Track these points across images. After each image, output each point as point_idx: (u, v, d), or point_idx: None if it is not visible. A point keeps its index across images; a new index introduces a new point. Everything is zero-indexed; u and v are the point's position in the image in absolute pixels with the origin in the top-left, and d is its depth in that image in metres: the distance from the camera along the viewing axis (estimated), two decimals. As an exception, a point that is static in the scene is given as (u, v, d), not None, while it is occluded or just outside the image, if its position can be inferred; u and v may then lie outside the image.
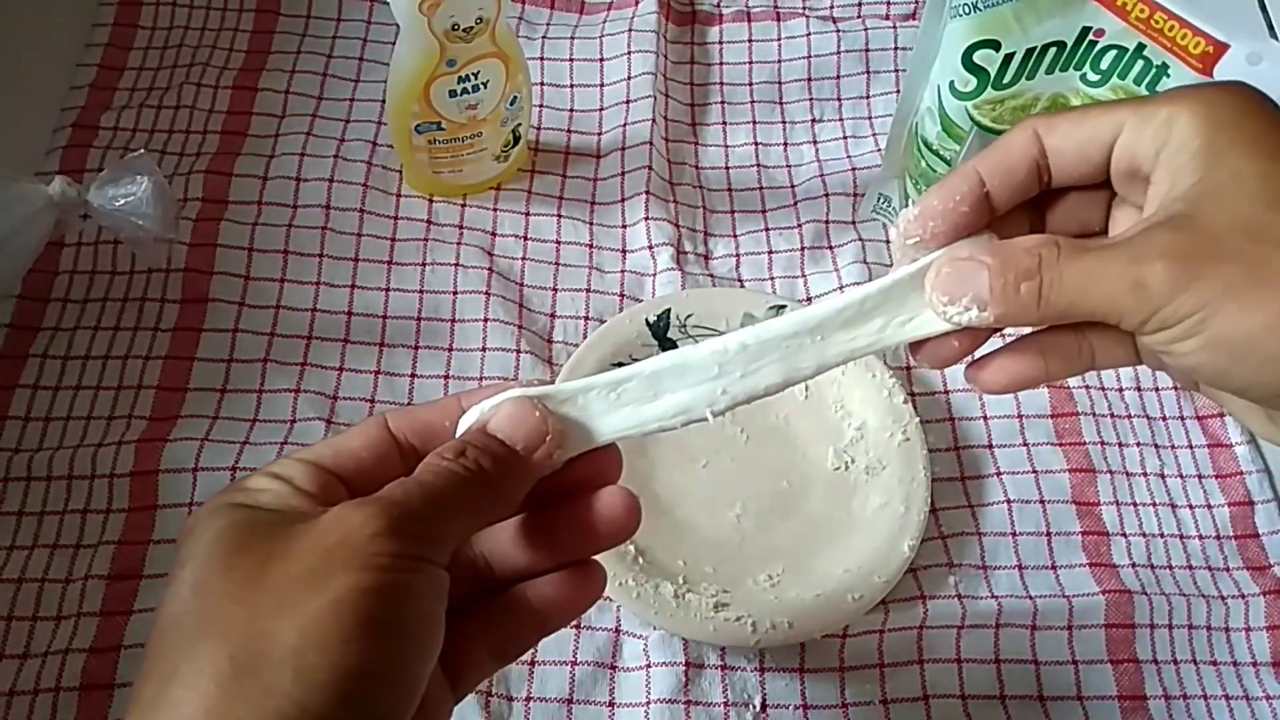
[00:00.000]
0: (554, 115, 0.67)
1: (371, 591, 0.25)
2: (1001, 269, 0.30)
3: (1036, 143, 0.32)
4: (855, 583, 0.49)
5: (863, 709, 0.48)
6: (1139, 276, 0.28)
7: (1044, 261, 0.30)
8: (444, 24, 0.53)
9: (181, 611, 0.26)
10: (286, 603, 0.25)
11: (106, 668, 0.46)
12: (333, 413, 0.55)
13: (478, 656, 0.32)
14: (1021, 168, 0.32)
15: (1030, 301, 0.30)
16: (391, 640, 0.26)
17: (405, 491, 0.28)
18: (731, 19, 0.72)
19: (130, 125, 0.64)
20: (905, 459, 0.53)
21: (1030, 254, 0.30)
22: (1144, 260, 0.28)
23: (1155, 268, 0.28)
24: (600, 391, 0.32)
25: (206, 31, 0.69)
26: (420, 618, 0.27)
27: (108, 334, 0.56)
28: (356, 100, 0.66)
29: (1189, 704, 0.49)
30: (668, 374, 0.32)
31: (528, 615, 0.32)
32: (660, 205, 0.63)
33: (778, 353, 0.32)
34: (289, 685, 0.24)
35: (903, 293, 0.32)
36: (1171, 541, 0.53)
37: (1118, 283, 0.29)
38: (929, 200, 0.32)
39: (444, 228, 0.62)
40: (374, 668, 0.25)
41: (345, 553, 0.26)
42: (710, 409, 0.32)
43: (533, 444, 0.31)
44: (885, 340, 0.33)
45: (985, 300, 0.30)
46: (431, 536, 0.28)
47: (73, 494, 0.51)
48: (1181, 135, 0.29)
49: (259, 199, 0.61)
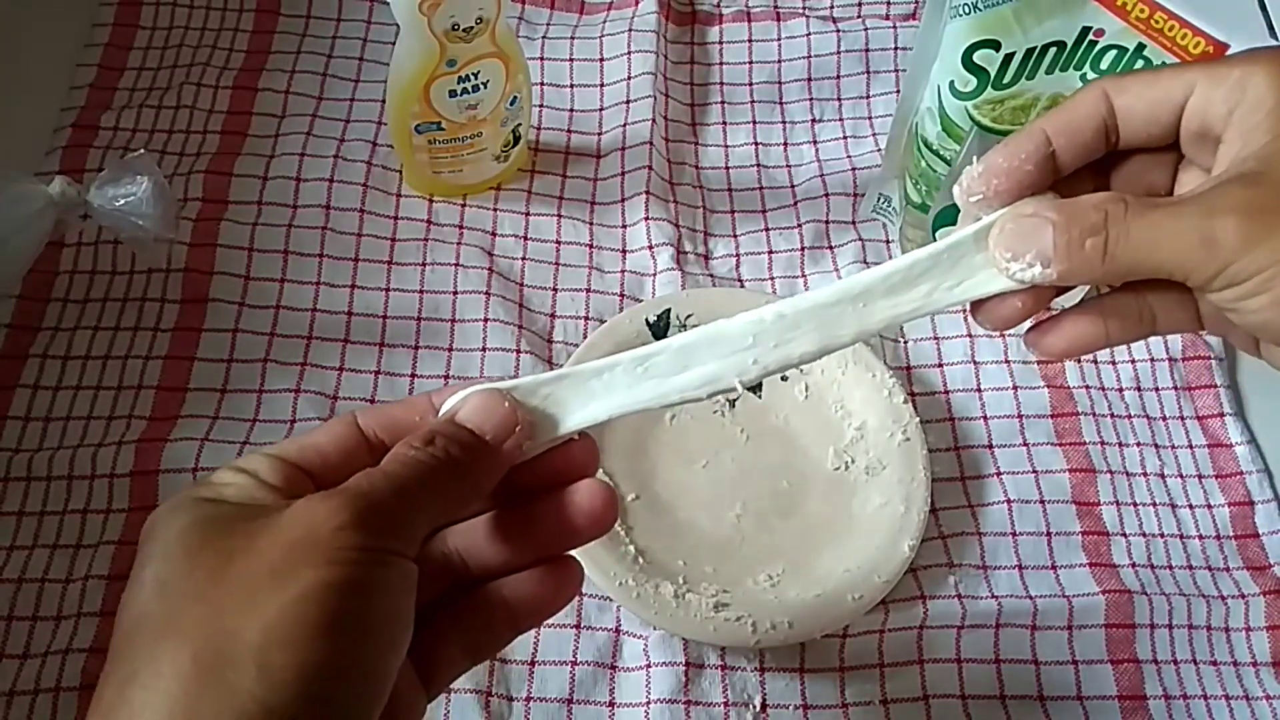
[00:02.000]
0: (554, 115, 0.67)
1: (336, 586, 0.25)
2: (1067, 224, 0.30)
3: (1105, 103, 0.32)
4: (855, 583, 0.49)
5: (863, 709, 0.48)
6: (1209, 231, 0.28)
7: (1110, 217, 0.29)
8: (444, 24, 0.53)
9: (143, 612, 0.26)
10: (249, 599, 0.25)
11: (106, 668, 0.46)
12: (333, 413, 0.55)
13: (450, 654, 0.31)
14: (1089, 128, 0.32)
15: (1095, 257, 0.30)
16: (357, 636, 0.25)
17: (371, 482, 0.28)
18: (731, 19, 0.72)
19: (130, 125, 0.64)
20: (905, 459, 0.53)
21: (1097, 209, 0.30)
22: (1215, 214, 0.28)
23: (1227, 222, 0.28)
24: (627, 367, 0.32)
25: (206, 31, 0.69)
26: (386, 613, 0.26)
27: (108, 334, 0.56)
28: (356, 100, 0.66)
29: (1189, 704, 0.49)
30: (700, 345, 0.32)
31: (502, 613, 0.32)
32: (660, 205, 0.63)
33: (815, 321, 0.32)
34: (252, 684, 0.24)
35: (956, 256, 0.32)
36: (1171, 541, 0.53)
37: (1187, 238, 0.28)
38: (994, 157, 0.32)
39: (444, 228, 0.62)
40: (339, 664, 0.25)
41: (310, 547, 0.25)
42: (740, 378, 0.32)
43: (502, 434, 0.30)
44: (930, 305, 0.32)
45: (1049, 256, 0.30)
46: (398, 528, 0.27)
47: (73, 494, 0.51)
48: (1256, 95, 0.29)
49: (259, 199, 0.61)
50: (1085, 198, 0.30)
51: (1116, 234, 0.29)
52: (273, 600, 0.25)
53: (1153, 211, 0.29)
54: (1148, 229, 0.29)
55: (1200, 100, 0.30)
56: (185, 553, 0.27)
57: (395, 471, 0.28)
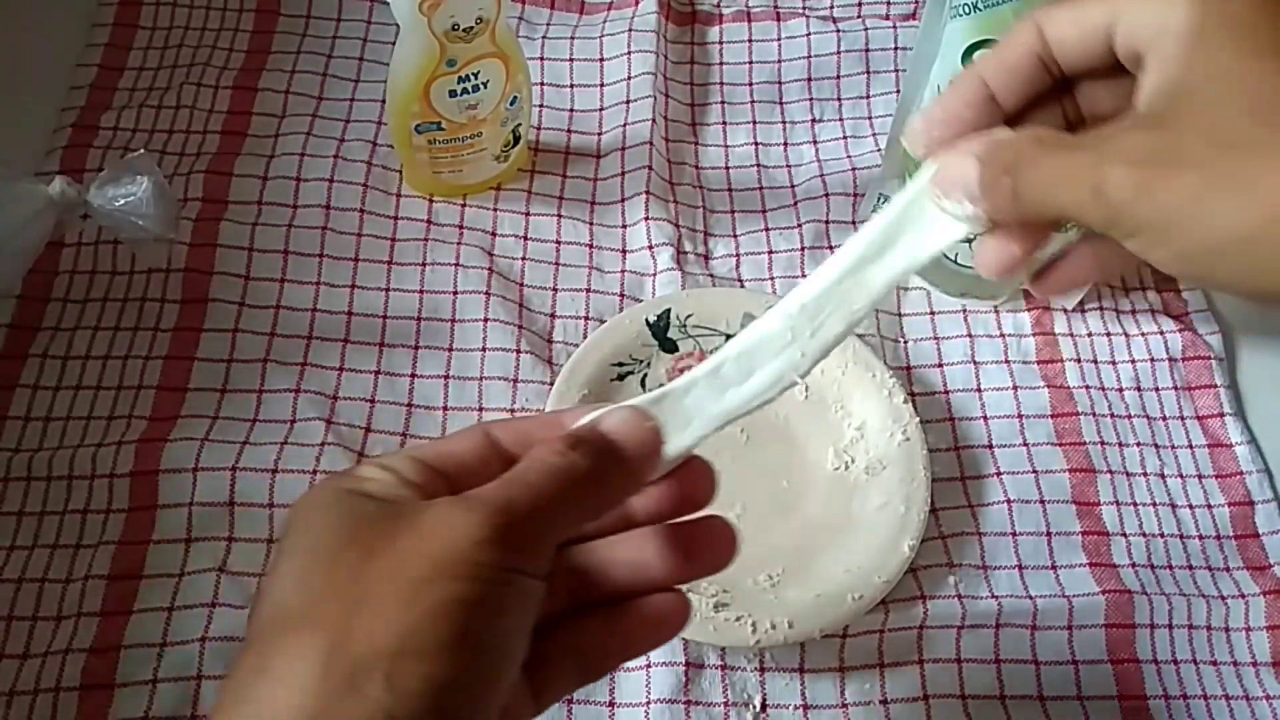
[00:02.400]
0: (554, 115, 0.67)
1: (471, 603, 0.25)
2: (987, 161, 0.29)
3: (1038, 36, 0.30)
4: (855, 583, 0.49)
5: (863, 709, 0.48)
6: (1098, 181, 0.27)
7: (1020, 157, 0.28)
8: (444, 24, 0.53)
9: (280, 603, 0.26)
10: (385, 605, 0.25)
11: (106, 668, 0.46)
12: (333, 413, 0.55)
13: (565, 670, 0.31)
14: (1024, 65, 0.31)
15: (1008, 196, 0.29)
16: (482, 653, 0.25)
17: (510, 494, 0.27)
18: (731, 19, 0.72)
19: (130, 125, 0.64)
20: (905, 459, 0.53)
21: (1011, 147, 0.29)
22: (1106, 162, 0.27)
23: (1115, 173, 0.26)
24: (705, 381, 0.32)
25: (206, 31, 0.69)
26: (510, 631, 0.26)
27: (108, 334, 0.56)
28: (356, 100, 0.66)
29: (1189, 704, 0.49)
30: (756, 349, 0.32)
31: (617, 638, 0.32)
32: (660, 205, 0.63)
33: (833, 301, 0.32)
34: (380, 692, 0.24)
35: (920, 206, 0.32)
36: (1171, 541, 0.53)
37: (1079, 185, 0.27)
38: (931, 108, 0.32)
39: (444, 228, 0.62)
40: (464, 680, 0.25)
41: (449, 560, 0.25)
42: (797, 373, 0.32)
43: (643, 449, 0.30)
44: (916, 257, 0.32)
45: (975, 195, 0.30)
46: (535, 545, 0.27)
47: (73, 494, 0.51)
48: (1176, 20, 0.27)
49: (259, 199, 0.61)
50: (1002, 134, 0.30)
51: (1023, 175, 0.28)
52: (408, 610, 0.25)
53: (1055, 154, 0.28)
54: (1048, 173, 0.28)
55: (1127, 26, 0.29)
56: (327, 548, 0.26)
57: (535, 483, 0.28)
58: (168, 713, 0.46)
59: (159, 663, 0.47)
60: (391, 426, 0.55)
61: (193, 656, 0.47)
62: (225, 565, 0.49)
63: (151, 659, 0.47)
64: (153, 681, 0.46)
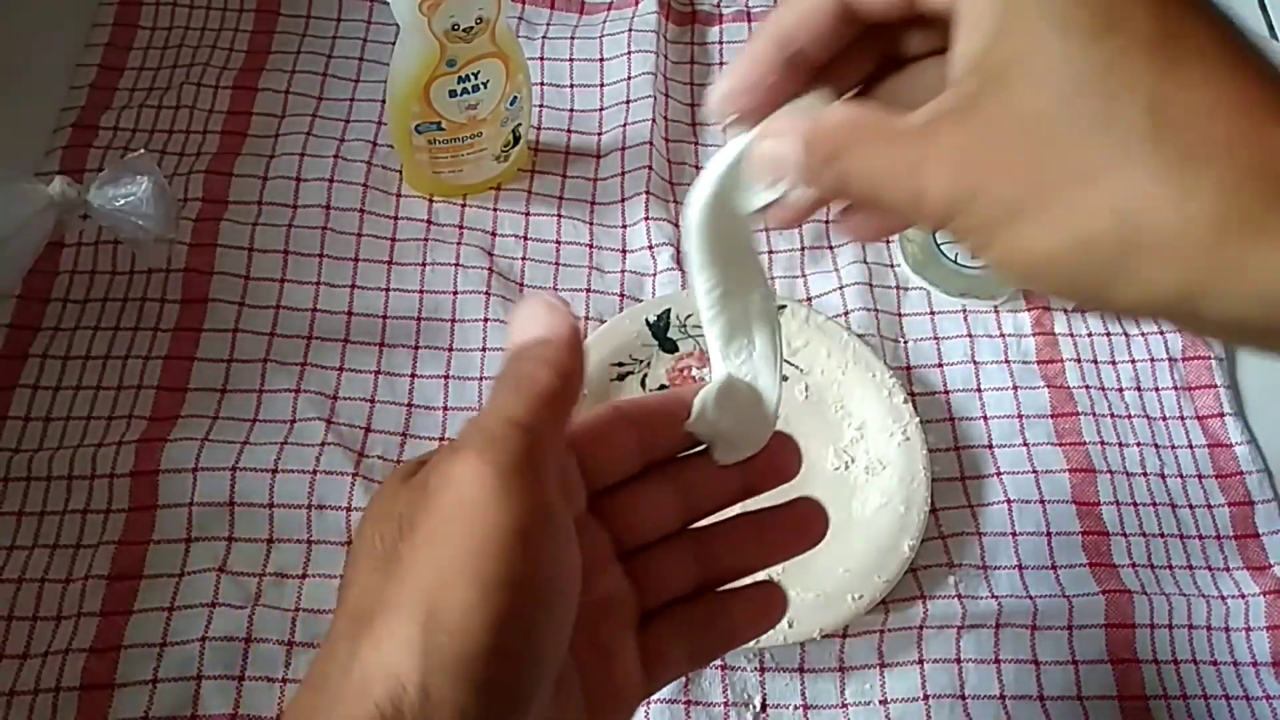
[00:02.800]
0: (554, 115, 0.67)
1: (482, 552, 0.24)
2: (809, 150, 0.27)
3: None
4: (855, 583, 0.49)
5: (863, 709, 0.48)
6: (918, 189, 0.25)
7: (843, 148, 0.26)
8: (444, 24, 0.53)
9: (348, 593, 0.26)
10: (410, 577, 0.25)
11: (106, 668, 0.46)
12: (333, 413, 0.55)
13: (676, 655, 0.32)
14: (823, 19, 0.28)
15: (836, 185, 0.27)
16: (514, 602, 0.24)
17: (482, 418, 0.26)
18: (731, 19, 0.72)
19: (130, 125, 0.64)
20: (905, 459, 0.53)
21: (834, 134, 0.27)
22: (923, 168, 0.25)
23: (934, 178, 0.24)
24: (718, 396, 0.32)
25: (206, 31, 0.69)
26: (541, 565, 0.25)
27: (108, 334, 0.56)
28: (356, 100, 0.66)
29: (1189, 704, 0.49)
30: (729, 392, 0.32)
31: (723, 626, 0.32)
32: (660, 205, 0.63)
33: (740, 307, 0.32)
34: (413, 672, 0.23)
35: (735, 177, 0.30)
36: (1171, 541, 0.53)
37: (899, 192, 0.25)
38: (731, 75, 0.29)
39: (444, 228, 0.62)
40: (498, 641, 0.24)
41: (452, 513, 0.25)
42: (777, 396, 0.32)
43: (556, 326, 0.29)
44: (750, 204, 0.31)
45: (797, 180, 0.28)
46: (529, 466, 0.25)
47: (73, 494, 0.51)
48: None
49: (259, 199, 0.61)
50: (827, 118, 0.27)
51: (848, 165, 0.26)
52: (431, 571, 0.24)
53: (875, 148, 0.26)
54: (869, 168, 0.26)
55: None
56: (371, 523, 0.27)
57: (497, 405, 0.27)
58: (168, 713, 0.46)
59: (159, 663, 0.47)
60: (391, 426, 0.55)
61: (193, 656, 0.47)
62: (225, 565, 0.49)
63: (151, 659, 0.47)
64: (153, 681, 0.46)
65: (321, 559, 0.50)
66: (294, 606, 0.49)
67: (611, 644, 0.30)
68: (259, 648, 0.48)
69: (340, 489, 0.52)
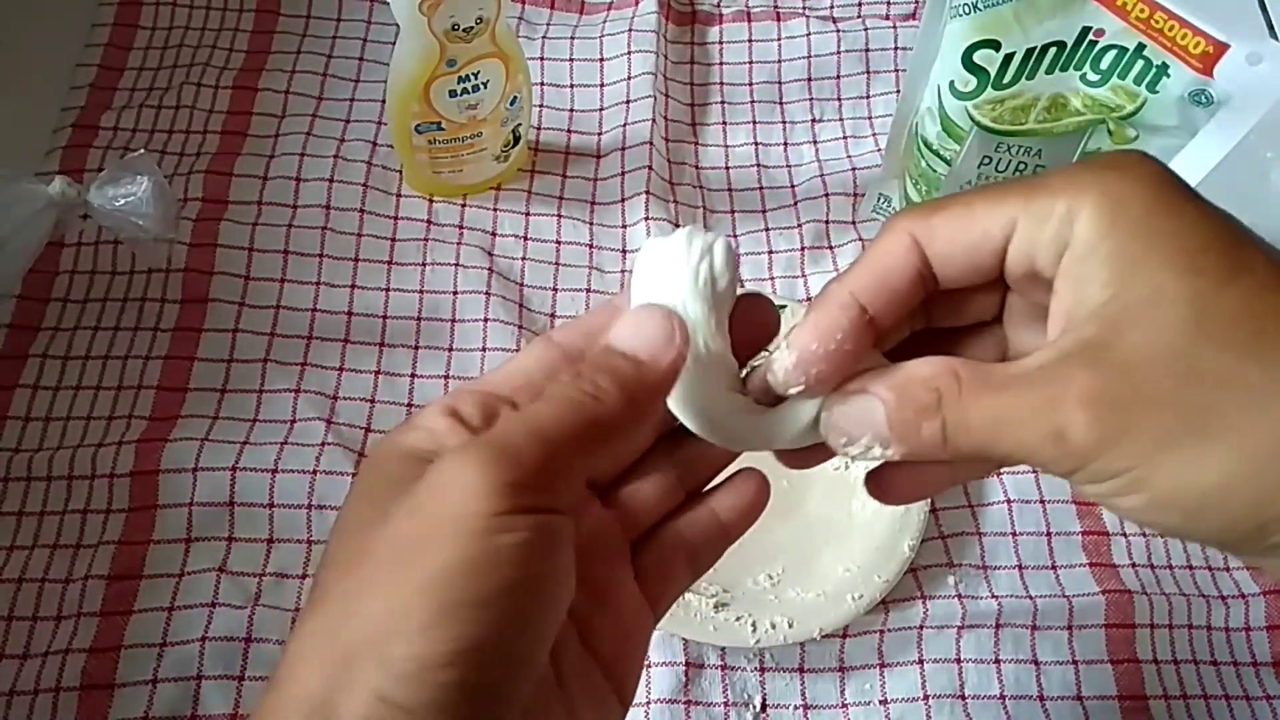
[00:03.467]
0: (554, 115, 0.67)
1: (460, 568, 0.23)
2: (899, 405, 0.26)
3: (917, 252, 0.27)
4: (855, 583, 0.49)
5: (863, 709, 0.48)
6: (1058, 427, 0.24)
7: (944, 398, 0.26)
8: (444, 24, 0.53)
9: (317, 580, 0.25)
10: (376, 581, 0.23)
11: (106, 668, 0.46)
12: (333, 413, 0.55)
13: (678, 570, 0.30)
14: (903, 286, 0.27)
15: (935, 442, 0.26)
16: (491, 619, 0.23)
17: (506, 427, 0.25)
18: (731, 19, 0.72)
19: (130, 125, 0.64)
20: (905, 459, 0.53)
21: (928, 388, 0.26)
22: (1061, 406, 0.24)
23: (1076, 418, 0.24)
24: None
25: (206, 31, 0.69)
26: (527, 586, 0.23)
27: (108, 334, 0.56)
28: (356, 100, 0.66)
29: (1189, 704, 0.49)
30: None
31: (713, 528, 0.31)
32: (660, 205, 0.63)
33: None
34: (373, 676, 0.22)
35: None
36: (1171, 541, 0.53)
37: (1033, 431, 0.24)
38: (805, 342, 0.27)
39: (444, 228, 0.62)
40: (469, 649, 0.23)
41: (439, 519, 0.23)
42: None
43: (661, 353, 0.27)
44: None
45: (886, 438, 0.26)
46: (539, 479, 0.24)
47: (73, 494, 0.51)
48: (1085, 238, 0.25)
49: (259, 199, 0.61)
50: (916, 370, 0.26)
51: (954, 419, 0.25)
52: (399, 584, 0.23)
53: (991, 394, 0.25)
54: (987, 414, 0.25)
55: (1023, 242, 0.26)
56: (345, 526, 0.26)
57: (534, 413, 0.25)
58: (168, 713, 0.46)
59: (159, 663, 0.47)
60: (391, 426, 0.55)
61: (193, 656, 0.47)
62: (225, 565, 0.49)
63: (151, 659, 0.47)
64: (153, 681, 0.46)
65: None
66: (294, 606, 0.49)
67: (608, 584, 0.29)
68: (259, 648, 0.48)
69: (340, 489, 0.52)
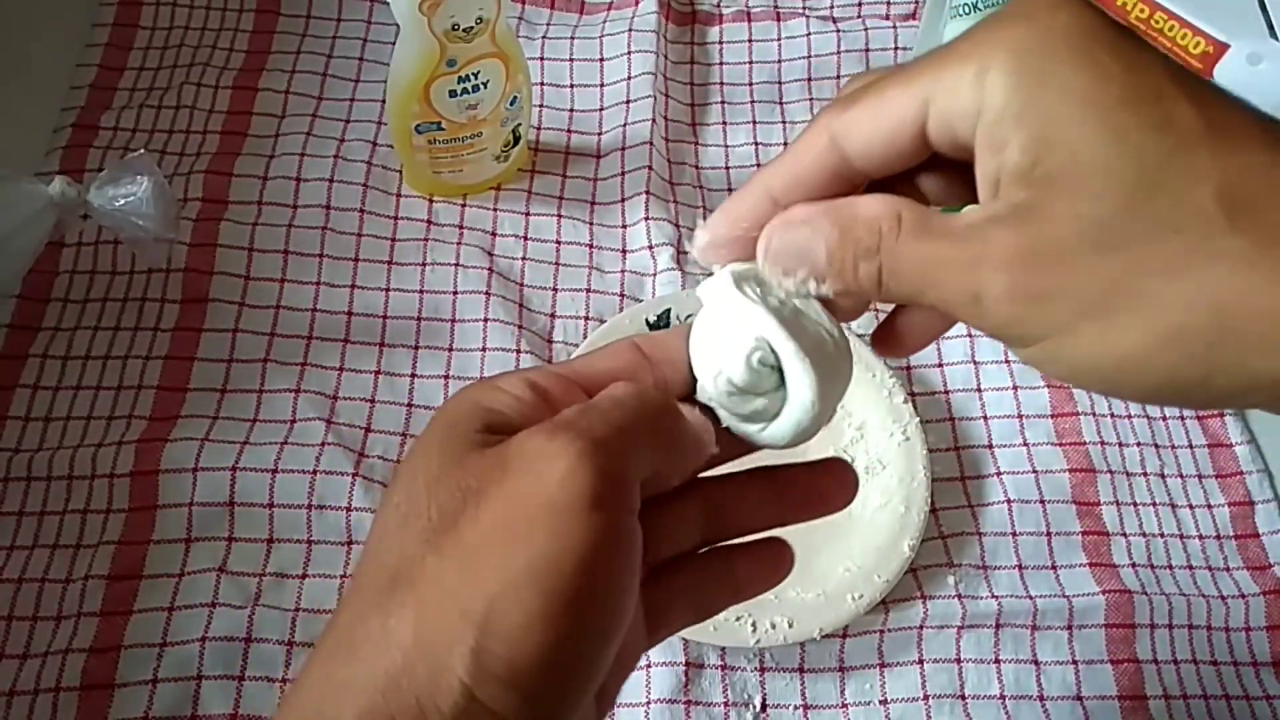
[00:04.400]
0: (554, 115, 0.67)
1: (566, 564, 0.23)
2: (840, 242, 0.26)
3: (834, 149, 0.26)
4: (855, 582, 0.49)
5: (863, 709, 0.48)
6: (976, 288, 0.24)
7: (883, 240, 0.25)
8: (444, 24, 0.53)
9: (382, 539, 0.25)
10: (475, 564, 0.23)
11: (106, 668, 0.46)
12: (333, 413, 0.55)
13: (681, 609, 0.31)
14: (819, 180, 0.27)
15: (870, 285, 0.26)
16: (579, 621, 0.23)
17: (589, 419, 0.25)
18: (731, 19, 0.72)
19: (130, 125, 0.64)
20: (905, 459, 0.53)
21: (870, 230, 0.25)
22: (983, 267, 0.24)
23: (994, 280, 0.24)
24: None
25: (206, 31, 0.69)
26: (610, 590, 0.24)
27: (108, 334, 0.56)
28: (356, 100, 0.66)
29: (1189, 704, 0.49)
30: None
31: (728, 581, 0.31)
32: (660, 205, 0.63)
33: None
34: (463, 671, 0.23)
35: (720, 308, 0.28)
36: (1171, 541, 0.53)
37: (955, 289, 0.24)
38: (716, 226, 0.28)
39: (444, 228, 0.62)
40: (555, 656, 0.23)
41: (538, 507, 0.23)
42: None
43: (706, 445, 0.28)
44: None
45: (823, 274, 0.26)
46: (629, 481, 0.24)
47: (73, 494, 0.51)
48: (996, 101, 0.24)
49: (259, 199, 0.61)
50: (863, 210, 0.26)
51: (889, 265, 0.25)
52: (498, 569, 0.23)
53: (925, 242, 0.25)
54: (918, 265, 0.25)
55: (940, 119, 0.25)
56: (427, 482, 0.25)
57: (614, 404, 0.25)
58: (168, 713, 0.46)
59: (159, 663, 0.47)
60: (391, 426, 0.55)
61: (193, 656, 0.47)
62: (225, 565, 0.49)
63: (151, 659, 0.47)
64: (153, 681, 0.46)
65: (321, 559, 0.50)
66: (294, 606, 0.49)
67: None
68: (259, 648, 0.48)
69: (340, 489, 0.52)
